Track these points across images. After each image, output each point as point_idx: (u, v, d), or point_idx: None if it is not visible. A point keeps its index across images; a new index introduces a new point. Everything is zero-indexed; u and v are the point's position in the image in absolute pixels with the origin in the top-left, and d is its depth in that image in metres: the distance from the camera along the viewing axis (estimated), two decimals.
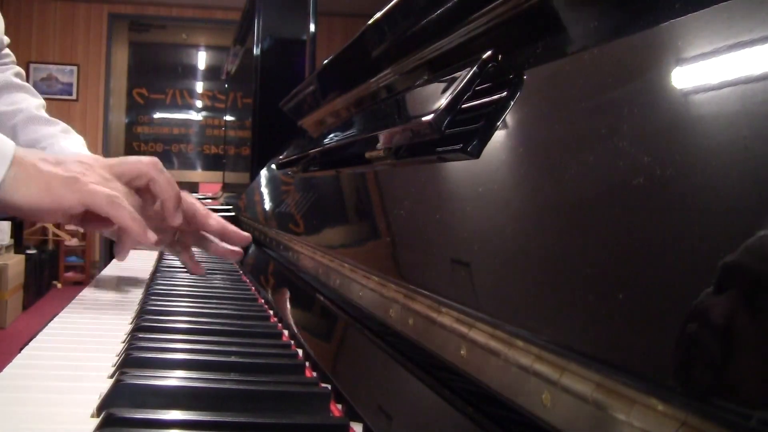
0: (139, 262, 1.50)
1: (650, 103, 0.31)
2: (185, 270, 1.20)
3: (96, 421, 0.47)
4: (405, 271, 0.53)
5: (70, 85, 6.09)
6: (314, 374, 0.64)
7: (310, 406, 0.53)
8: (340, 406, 0.56)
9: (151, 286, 1.05)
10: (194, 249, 1.14)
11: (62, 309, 0.90)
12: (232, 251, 1.09)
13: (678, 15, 0.31)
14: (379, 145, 0.65)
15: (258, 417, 0.48)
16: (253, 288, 1.16)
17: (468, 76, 0.51)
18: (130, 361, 0.60)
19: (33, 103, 1.25)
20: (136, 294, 1.06)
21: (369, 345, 0.58)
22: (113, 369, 0.61)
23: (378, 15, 0.76)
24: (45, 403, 0.51)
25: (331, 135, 0.92)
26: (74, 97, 6.09)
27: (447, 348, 0.42)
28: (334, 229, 0.79)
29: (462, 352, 0.40)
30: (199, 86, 6.60)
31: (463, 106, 0.51)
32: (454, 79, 0.53)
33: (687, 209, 0.26)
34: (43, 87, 6.00)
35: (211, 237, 1.08)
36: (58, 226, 5.53)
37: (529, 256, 0.37)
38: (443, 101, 0.51)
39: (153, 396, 0.51)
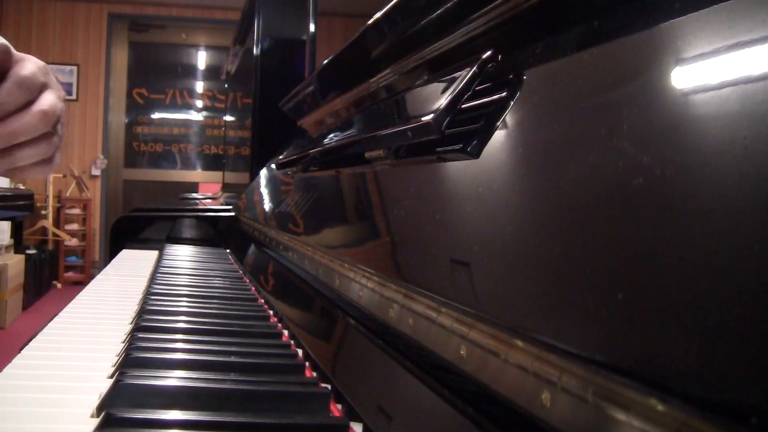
0: (139, 263, 1.50)
1: (650, 103, 0.31)
2: (185, 271, 1.20)
3: (96, 421, 0.47)
4: (405, 271, 0.53)
5: (70, 85, 6.08)
6: (314, 374, 0.64)
7: (310, 406, 0.53)
8: (340, 406, 0.56)
9: (151, 286, 1.05)
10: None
11: (62, 309, 0.90)
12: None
13: (678, 15, 0.31)
14: (379, 145, 0.65)
15: (258, 417, 0.48)
16: (253, 288, 1.16)
17: (468, 76, 0.51)
18: (130, 361, 0.60)
19: None
20: (136, 294, 1.06)
21: (369, 345, 0.58)
22: (113, 369, 0.61)
23: (378, 15, 0.76)
24: (45, 403, 0.51)
25: (331, 135, 0.92)
26: (74, 97, 6.08)
27: (447, 348, 0.42)
28: (334, 230, 0.79)
29: (462, 352, 0.40)
30: (199, 86, 6.59)
31: (462, 106, 0.51)
32: (453, 79, 0.53)
33: (686, 209, 0.26)
34: None
35: None
36: (58, 225, 5.53)
37: (528, 257, 0.37)
38: (443, 101, 0.51)
39: (153, 396, 0.51)
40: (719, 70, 0.27)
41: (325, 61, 1.08)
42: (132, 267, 1.42)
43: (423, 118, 0.51)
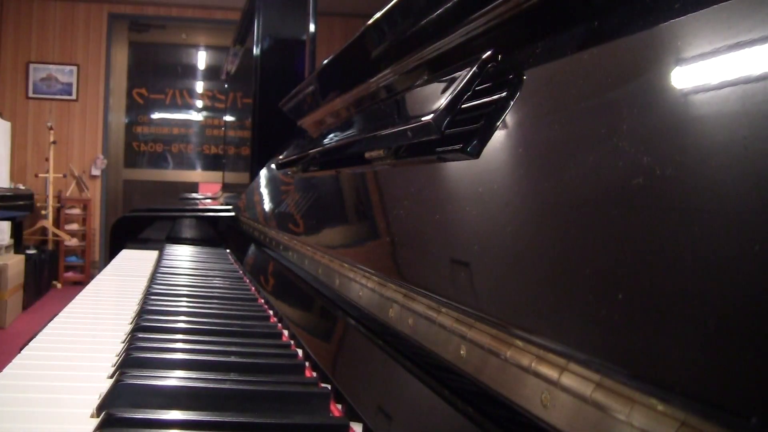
0: (139, 263, 1.50)
1: (650, 103, 0.31)
2: (185, 271, 1.19)
3: (96, 421, 0.47)
4: (405, 271, 0.53)
5: (70, 85, 6.08)
6: (314, 374, 0.64)
7: (310, 406, 0.53)
8: (340, 406, 0.56)
9: (151, 286, 1.05)
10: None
11: (62, 309, 0.90)
12: None
13: (678, 15, 0.31)
14: (379, 145, 0.65)
15: (258, 417, 0.48)
16: (253, 288, 1.16)
17: (468, 76, 0.51)
18: (129, 361, 0.60)
19: None
20: (136, 294, 1.06)
21: (369, 345, 0.58)
22: (113, 369, 0.61)
23: (378, 15, 0.76)
24: (45, 403, 0.51)
25: (331, 135, 0.92)
26: (74, 97, 6.08)
27: (447, 348, 0.42)
28: (334, 230, 0.79)
29: (462, 352, 0.40)
30: (199, 86, 6.59)
31: (462, 106, 0.51)
32: (453, 79, 0.53)
33: (686, 209, 0.26)
34: (42, 87, 5.99)
35: None
36: (58, 225, 5.53)
37: (528, 256, 0.37)
38: (443, 101, 0.51)
39: (153, 396, 0.51)
40: (719, 70, 0.27)
41: (325, 61, 1.08)
42: (132, 267, 1.42)
43: (423, 118, 0.51)
